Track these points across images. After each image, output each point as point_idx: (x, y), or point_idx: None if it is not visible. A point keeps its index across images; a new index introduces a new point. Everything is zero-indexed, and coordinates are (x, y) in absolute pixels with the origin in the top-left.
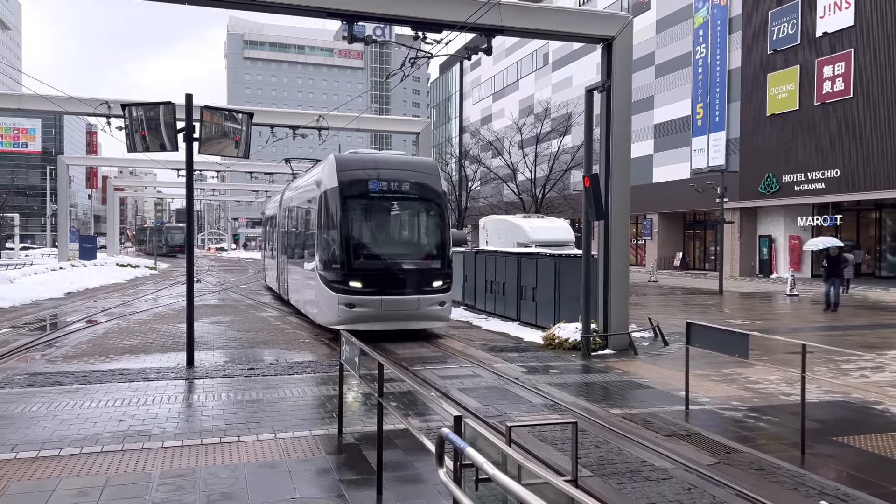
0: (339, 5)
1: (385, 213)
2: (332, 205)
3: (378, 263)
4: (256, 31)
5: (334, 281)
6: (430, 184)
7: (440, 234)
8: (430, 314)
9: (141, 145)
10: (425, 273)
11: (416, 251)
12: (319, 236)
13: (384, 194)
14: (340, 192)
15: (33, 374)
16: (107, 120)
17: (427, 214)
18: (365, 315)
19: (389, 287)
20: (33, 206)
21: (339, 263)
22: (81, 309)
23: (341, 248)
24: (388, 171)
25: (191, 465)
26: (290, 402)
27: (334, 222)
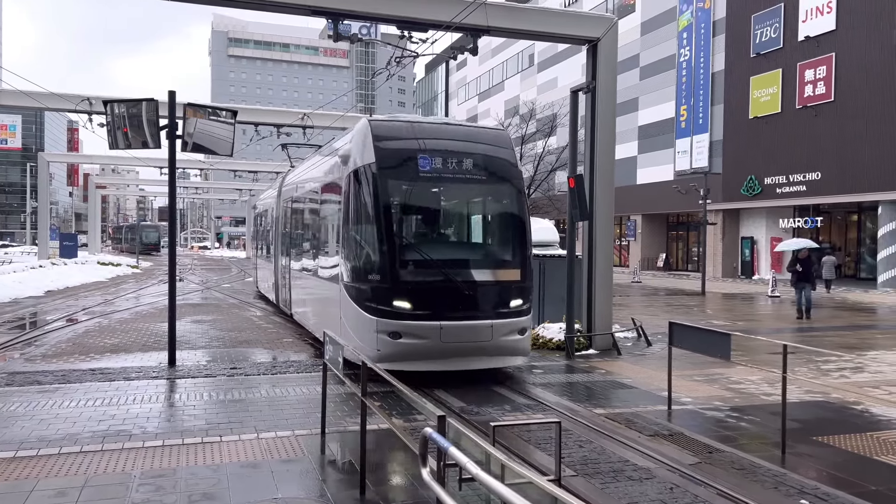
0: (324, 3)
1: (442, 200)
2: (366, 189)
3: (434, 274)
4: (241, 28)
5: (371, 298)
6: (503, 160)
7: (519, 230)
8: (506, 347)
9: (123, 142)
10: (501, 287)
11: (486, 256)
12: (346, 234)
13: (441, 174)
14: (379, 170)
15: (11, 374)
16: (88, 116)
17: (500, 203)
18: (416, 349)
19: (451, 308)
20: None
21: (378, 273)
22: (62, 307)
23: (381, 251)
24: (445, 143)
25: (172, 466)
26: (273, 401)
27: (370, 214)
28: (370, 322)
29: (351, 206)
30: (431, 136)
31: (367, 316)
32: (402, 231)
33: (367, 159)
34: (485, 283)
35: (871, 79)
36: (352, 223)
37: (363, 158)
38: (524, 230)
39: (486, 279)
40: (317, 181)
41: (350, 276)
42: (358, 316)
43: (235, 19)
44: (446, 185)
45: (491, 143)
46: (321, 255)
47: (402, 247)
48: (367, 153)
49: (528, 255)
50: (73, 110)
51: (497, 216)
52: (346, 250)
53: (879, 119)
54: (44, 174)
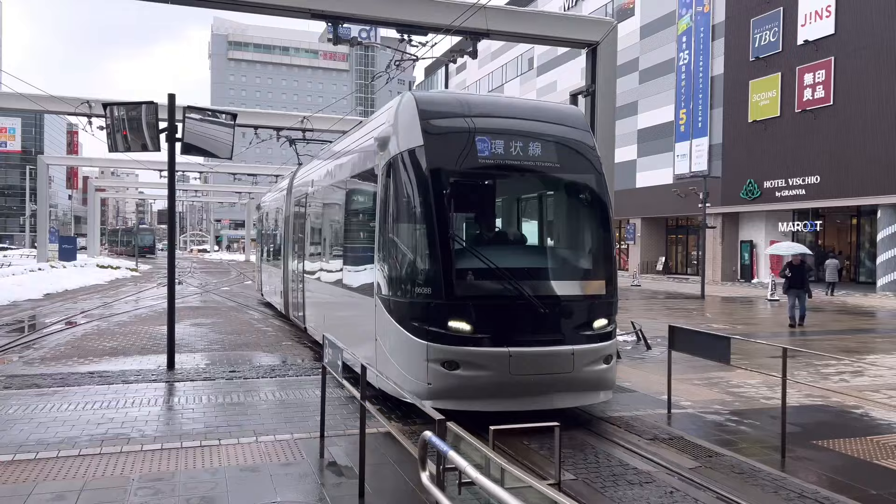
0: (324, 7)
1: (507, 193)
2: (411, 179)
3: (502, 287)
4: (241, 31)
5: (420, 317)
6: (580, 143)
7: (603, 231)
8: (590, 379)
9: (122, 145)
10: (583, 304)
11: (565, 264)
12: (384, 236)
13: (505, 161)
14: (429, 155)
15: (9, 377)
16: (88, 119)
17: (580, 197)
18: (477, 384)
19: (523, 331)
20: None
21: (428, 285)
22: (60, 310)
23: (433, 257)
24: (508, 122)
25: (170, 469)
26: (272, 404)
27: (417, 211)
28: (418, 348)
29: (391, 201)
30: (491, 114)
31: (415, 340)
32: (459, 232)
33: (413, 142)
34: (564, 298)
35: (870, 83)
36: (392, 222)
37: (408, 141)
38: (609, 231)
39: (566, 293)
40: (342, 173)
41: (390, 289)
42: (401, 339)
43: (235, 22)
44: (512, 175)
45: (564, 123)
46: (348, 260)
47: (459, 252)
48: (413, 134)
49: (615, 262)
50: (72, 113)
51: (576, 213)
52: (385, 256)
53: (878, 123)
54: (43, 177)
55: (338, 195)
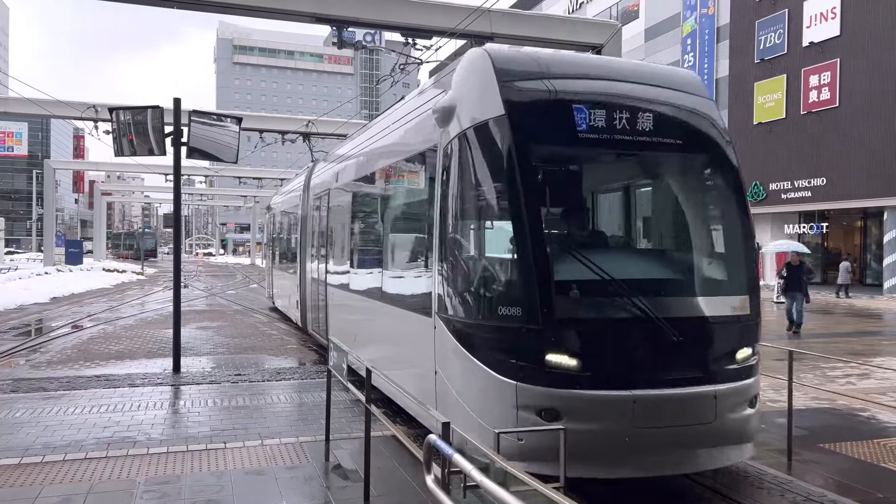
0: (329, 11)
1: (617, 182)
2: (489, 161)
3: (619, 306)
4: (246, 35)
5: (504, 348)
6: (704, 117)
7: (742, 230)
8: (734, 430)
9: (128, 149)
10: (725, 328)
11: (697, 276)
12: (447, 236)
13: (612, 136)
14: (513, 129)
15: (16, 380)
16: (94, 124)
17: (709, 188)
18: (587, 440)
19: (650, 365)
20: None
21: (517, 304)
22: (67, 314)
23: (523, 265)
24: (612, 86)
25: (176, 472)
26: (278, 408)
27: (498, 203)
28: (502, 389)
29: (458, 190)
30: (588, 74)
31: (497, 378)
32: (558, 233)
33: (490, 111)
34: (703, 319)
35: (876, 84)
36: (459, 218)
37: (482, 110)
38: (749, 229)
39: (705, 313)
40: (382, 159)
41: (458, 306)
42: (476, 375)
43: (240, 27)
44: (623, 156)
45: (683, 90)
46: (391, 267)
47: (560, 257)
48: (490, 101)
49: (756, 270)
50: (78, 117)
51: (706, 206)
52: (449, 262)
53: (885, 124)
54: (50, 181)
55: (375, 187)
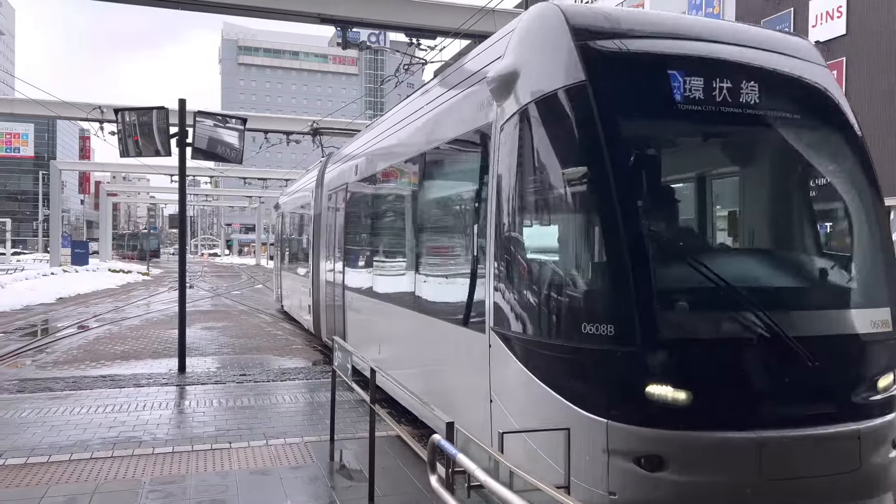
0: (333, 11)
1: (724, 166)
2: (565, 139)
3: (740, 324)
4: (251, 36)
5: (590, 375)
6: (825, 92)
7: (876, 227)
8: (876, 479)
9: (134, 150)
10: (866, 350)
11: (831, 284)
12: (507, 233)
13: (719, 111)
14: (598, 98)
15: (23, 380)
16: (100, 125)
17: (835, 173)
18: (704, 495)
19: (778, 399)
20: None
21: (607, 319)
22: (73, 314)
23: (615, 269)
24: (713, 50)
25: (181, 472)
26: (282, 408)
27: (578, 192)
28: (589, 429)
29: (522, 177)
30: (684, 35)
31: (580, 414)
32: (659, 229)
33: (565, 76)
34: (839, 339)
35: (882, 83)
36: (526, 213)
37: (554, 76)
38: (885, 227)
39: (841, 331)
40: (418, 143)
41: (525, 322)
42: (549, 410)
43: (245, 28)
44: (733, 133)
45: (796, 56)
46: (429, 271)
47: (663, 261)
48: (564, 64)
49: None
50: (84, 119)
51: (836, 198)
52: (511, 267)
53: (891, 124)
54: (56, 182)
55: (406, 179)
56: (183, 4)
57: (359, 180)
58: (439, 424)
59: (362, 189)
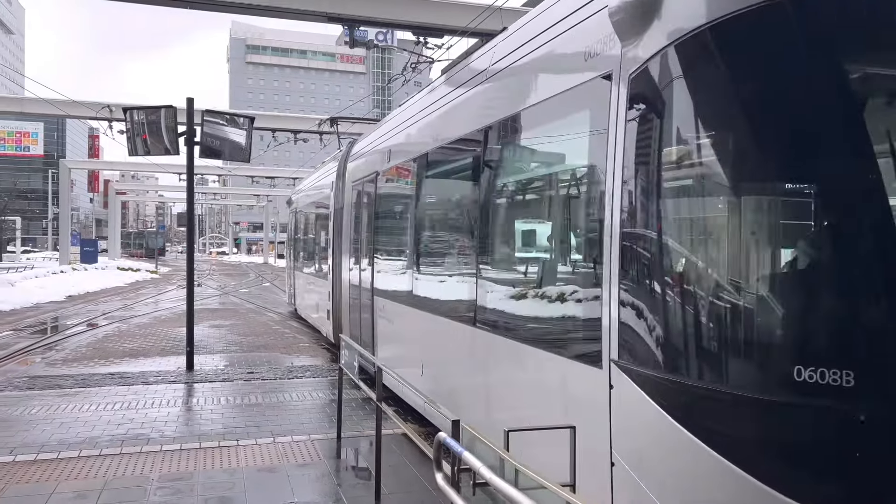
0: (340, 10)
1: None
2: (747, 91)
3: None
4: (259, 35)
5: (795, 444)
6: None
7: None
8: None
9: (142, 149)
10: None
11: None
12: (633, 236)
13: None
14: (801, 24)
15: (32, 377)
16: (109, 123)
17: None
18: None
19: None
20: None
21: (832, 361)
22: (82, 312)
23: (859, 288)
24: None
25: (189, 469)
26: (290, 406)
27: (779, 171)
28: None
29: (669, 150)
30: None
31: (776, 498)
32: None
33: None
34: None
35: None
36: (681, 204)
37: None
38: None
39: None
40: (483, 112)
41: (680, 359)
42: (720, 486)
43: (253, 26)
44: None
45: None
46: (502, 278)
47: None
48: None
49: None
50: (93, 117)
51: None
52: (653, 280)
53: None
54: (65, 181)
55: (467, 158)
56: (193, 3)
57: (395, 167)
58: (445, 422)
59: (398, 177)
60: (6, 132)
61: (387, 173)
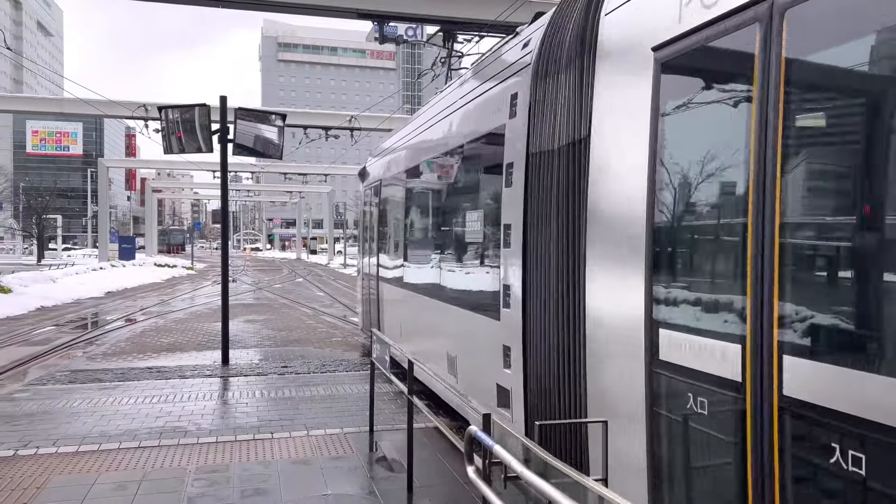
0: (370, 6)
1: None
2: None
3: None
4: (290, 33)
5: None
6: None
7: None
8: None
9: (177, 147)
10: None
11: None
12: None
13: None
14: None
15: (74, 371)
16: (144, 122)
17: None
18: None
19: None
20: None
21: None
22: (120, 308)
23: None
24: None
25: (225, 462)
26: (323, 399)
27: None
28: None
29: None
30: None
31: None
32: None
33: None
34: None
35: None
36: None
37: None
38: None
39: None
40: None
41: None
42: None
43: (284, 24)
44: None
45: None
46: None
47: None
48: None
49: None
50: (129, 117)
51: None
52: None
53: None
54: (103, 179)
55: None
56: (226, 2)
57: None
58: (476, 416)
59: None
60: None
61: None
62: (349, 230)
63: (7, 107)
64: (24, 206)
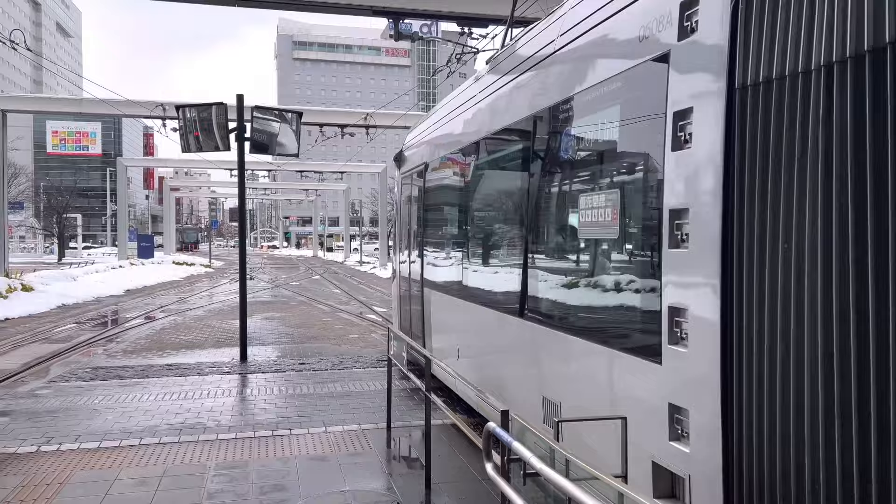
0: (385, 3)
1: None
2: None
3: None
4: (305, 31)
5: None
6: None
7: None
8: None
9: (195, 146)
10: None
11: None
12: None
13: None
14: None
15: (95, 368)
16: (162, 122)
17: None
18: None
19: None
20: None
21: None
22: (140, 305)
23: None
24: None
25: (244, 458)
26: (340, 396)
27: None
28: None
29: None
30: None
31: None
32: None
33: None
34: None
35: None
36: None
37: None
38: None
39: None
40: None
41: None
42: None
43: (300, 23)
44: None
45: None
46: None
47: None
48: None
49: None
50: (147, 116)
51: None
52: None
53: None
54: (122, 178)
55: None
56: (242, 1)
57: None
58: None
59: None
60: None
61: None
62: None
63: (28, 107)
64: (45, 206)
